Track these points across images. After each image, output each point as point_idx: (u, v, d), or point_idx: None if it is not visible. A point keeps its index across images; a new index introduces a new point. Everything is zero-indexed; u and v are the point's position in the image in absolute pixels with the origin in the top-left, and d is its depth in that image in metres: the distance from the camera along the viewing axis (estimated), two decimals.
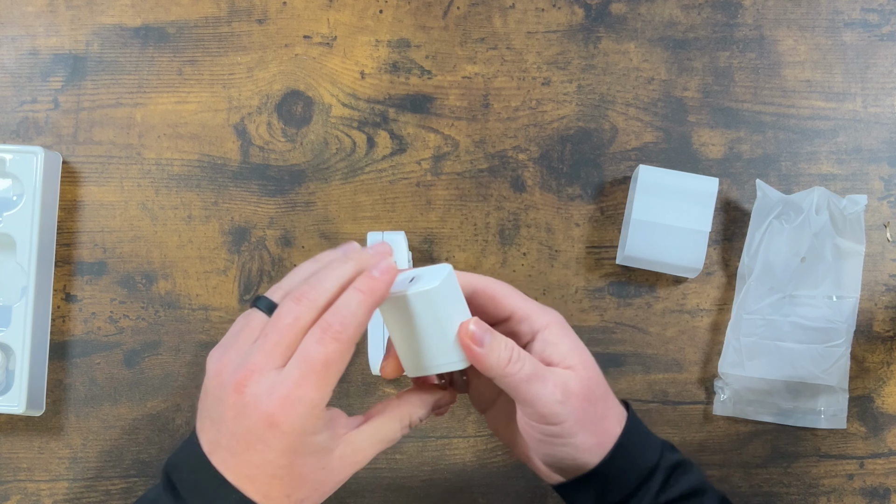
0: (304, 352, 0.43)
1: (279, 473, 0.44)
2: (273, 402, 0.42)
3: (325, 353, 0.43)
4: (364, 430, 0.47)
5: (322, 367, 0.43)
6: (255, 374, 0.43)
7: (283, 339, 0.44)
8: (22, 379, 0.64)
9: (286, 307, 0.44)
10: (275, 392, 0.43)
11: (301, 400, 0.43)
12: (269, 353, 0.44)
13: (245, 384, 0.43)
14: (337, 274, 0.45)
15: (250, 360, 0.44)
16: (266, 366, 0.43)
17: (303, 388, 0.43)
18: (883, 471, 0.68)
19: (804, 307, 0.66)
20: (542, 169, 0.69)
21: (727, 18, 0.70)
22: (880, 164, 0.70)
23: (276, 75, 0.69)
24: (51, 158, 0.67)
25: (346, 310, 0.44)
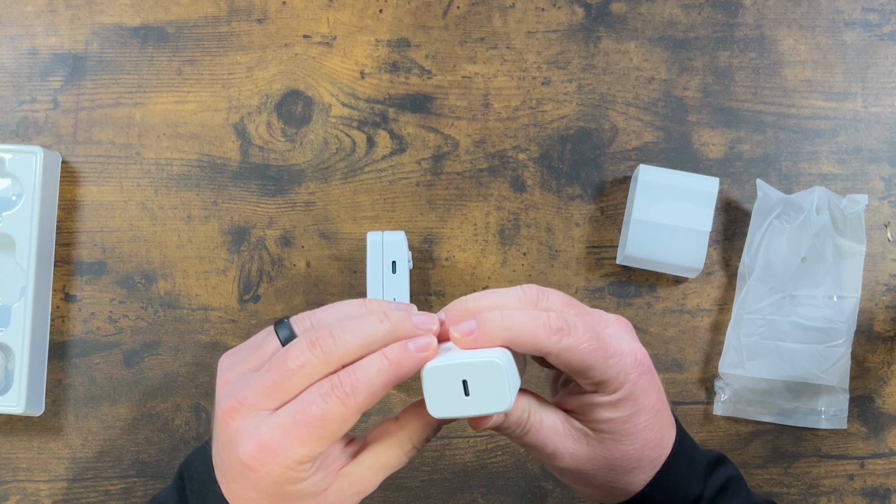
0: (302, 402, 0.39)
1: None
2: (251, 447, 0.39)
3: (324, 409, 0.39)
4: (362, 462, 0.43)
5: (316, 424, 0.39)
6: (244, 410, 0.40)
7: (283, 382, 0.40)
8: (21, 379, 0.64)
9: (297, 348, 0.40)
10: (257, 435, 0.39)
11: (281, 451, 0.39)
12: (264, 392, 0.40)
13: (232, 417, 0.40)
14: (366, 332, 0.40)
15: (243, 392, 0.40)
16: (258, 404, 0.40)
17: (288, 439, 0.39)
18: (883, 471, 0.68)
19: (805, 307, 0.66)
20: (543, 169, 0.69)
21: (727, 18, 0.70)
22: (881, 164, 0.69)
23: (275, 75, 0.69)
24: (50, 158, 0.67)
25: (363, 374, 0.39)
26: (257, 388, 0.40)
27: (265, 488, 0.40)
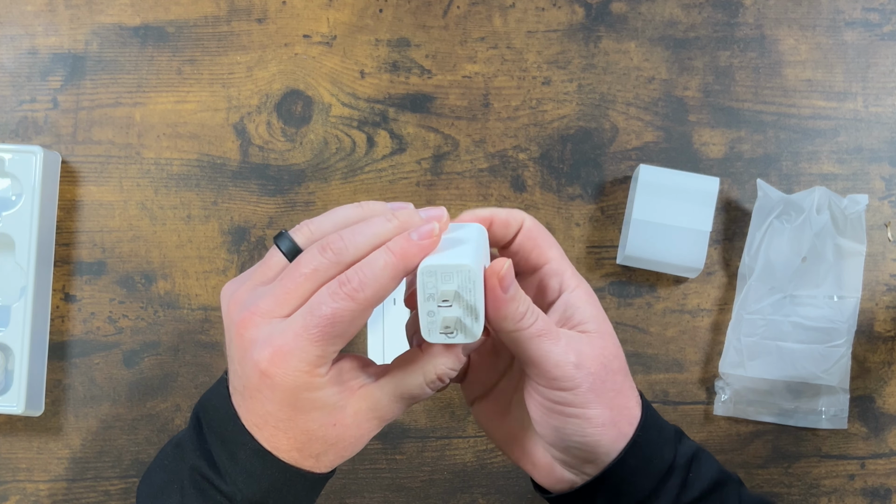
0: (312, 303, 0.39)
1: (282, 426, 0.41)
2: (266, 352, 0.39)
3: (334, 308, 0.38)
4: (383, 385, 0.42)
5: (327, 323, 0.39)
6: (257, 319, 0.40)
7: (296, 288, 0.40)
8: (21, 379, 0.64)
9: (309, 255, 0.40)
10: (271, 341, 0.39)
11: (295, 353, 0.39)
12: (277, 300, 0.40)
13: (246, 327, 0.40)
14: (374, 231, 0.40)
15: (256, 304, 0.40)
16: (271, 312, 0.40)
17: (301, 340, 0.39)
18: (884, 471, 0.68)
19: (805, 307, 0.66)
20: (543, 168, 0.69)
21: (728, 18, 0.70)
22: (881, 164, 0.69)
23: (275, 75, 0.69)
24: (50, 158, 0.66)
25: (370, 269, 0.39)
26: (270, 297, 0.40)
27: (283, 397, 0.40)
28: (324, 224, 0.42)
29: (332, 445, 0.42)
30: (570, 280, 0.44)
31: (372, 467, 0.68)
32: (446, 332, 0.40)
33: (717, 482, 0.45)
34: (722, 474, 0.45)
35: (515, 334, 0.41)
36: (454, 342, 0.40)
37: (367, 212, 0.43)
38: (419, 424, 0.68)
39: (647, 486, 0.43)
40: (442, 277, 0.39)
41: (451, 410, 0.68)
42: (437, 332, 0.40)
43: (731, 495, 0.45)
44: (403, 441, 0.68)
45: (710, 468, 0.45)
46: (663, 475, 0.43)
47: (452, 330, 0.40)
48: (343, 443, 0.42)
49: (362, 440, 0.43)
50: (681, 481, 0.44)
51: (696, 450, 0.46)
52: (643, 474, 0.43)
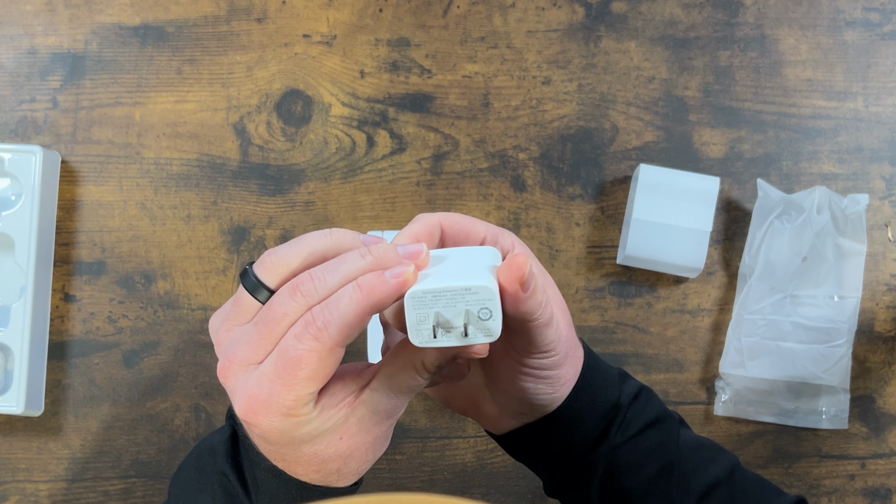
0: (279, 347, 0.38)
1: (290, 458, 0.41)
2: (243, 402, 0.39)
3: (300, 350, 0.37)
4: (376, 388, 0.41)
5: (292, 366, 0.37)
6: (234, 367, 0.40)
7: (268, 333, 0.39)
8: (20, 379, 0.64)
9: (279, 298, 0.39)
10: (244, 391, 0.39)
11: (271, 401, 0.38)
12: (251, 347, 0.39)
13: (226, 376, 0.40)
14: (347, 270, 0.38)
15: (233, 351, 0.40)
16: (247, 359, 0.39)
17: (274, 387, 0.38)
18: (884, 471, 0.68)
19: (805, 307, 0.66)
20: (543, 168, 0.69)
21: (728, 17, 0.70)
22: (882, 164, 0.69)
23: (275, 74, 0.69)
24: (49, 158, 0.66)
25: (334, 307, 0.37)
26: (244, 344, 0.39)
27: (274, 439, 0.40)
28: (289, 256, 0.40)
29: (348, 458, 0.41)
30: (506, 240, 0.45)
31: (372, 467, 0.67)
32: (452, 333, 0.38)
33: (655, 419, 0.47)
34: (662, 412, 0.48)
35: (528, 324, 0.40)
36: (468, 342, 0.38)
37: (335, 242, 0.40)
38: (419, 424, 0.68)
39: (592, 425, 0.45)
40: (448, 301, 0.37)
41: (451, 411, 0.68)
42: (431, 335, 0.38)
43: (670, 431, 0.47)
44: (403, 441, 0.68)
45: (652, 406, 0.47)
46: (607, 414, 0.45)
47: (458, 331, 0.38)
48: (359, 451, 0.42)
49: (379, 443, 0.42)
50: (622, 419, 0.46)
51: (639, 389, 0.47)
52: (588, 415, 0.45)
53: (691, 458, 0.47)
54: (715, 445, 0.50)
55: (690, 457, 0.47)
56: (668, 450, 0.47)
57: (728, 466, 0.48)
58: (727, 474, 0.48)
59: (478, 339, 0.38)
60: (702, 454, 0.48)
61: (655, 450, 0.47)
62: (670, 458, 0.47)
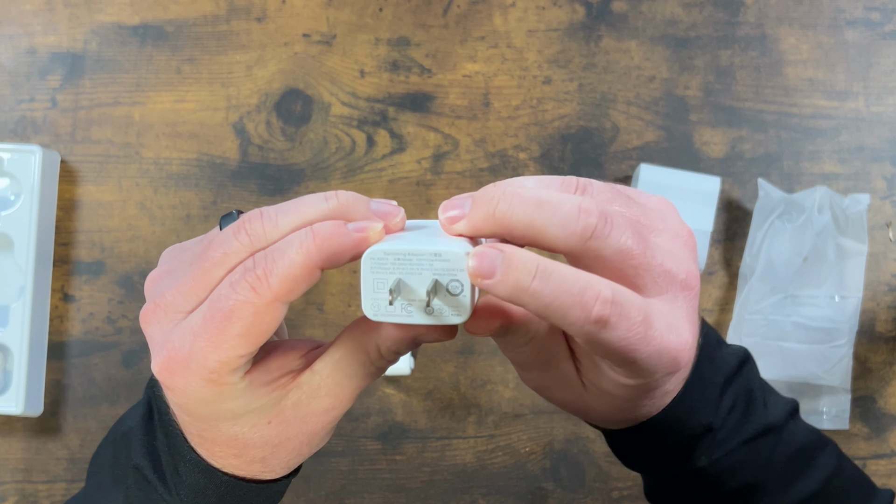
0: (212, 297, 0.32)
1: (207, 435, 0.34)
2: (160, 358, 0.32)
3: (234, 300, 0.31)
4: (319, 369, 0.34)
5: (223, 319, 0.31)
6: (159, 312, 0.33)
7: (201, 276, 0.32)
8: (20, 379, 0.64)
9: (221, 237, 0.32)
10: (165, 345, 0.32)
11: (192, 360, 0.31)
12: (180, 291, 0.33)
13: (148, 321, 0.33)
14: (304, 213, 0.32)
15: (160, 293, 0.33)
16: (173, 305, 0.33)
17: (198, 343, 0.31)
18: (885, 471, 0.68)
19: (806, 307, 0.66)
20: (543, 168, 0.69)
21: (729, 17, 0.69)
22: (883, 164, 0.69)
23: (275, 74, 0.69)
24: (48, 157, 0.66)
25: (280, 254, 0.31)
26: (176, 286, 0.33)
27: (191, 408, 0.33)
28: (281, 223, 0.33)
29: (276, 447, 0.35)
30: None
31: (372, 468, 0.67)
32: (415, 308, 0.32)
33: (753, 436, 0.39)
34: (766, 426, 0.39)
35: (563, 329, 0.33)
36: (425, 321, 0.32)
37: (338, 208, 0.33)
38: (419, 425, 0.68)
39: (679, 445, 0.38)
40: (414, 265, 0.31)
41: (452, 411, 0.68)
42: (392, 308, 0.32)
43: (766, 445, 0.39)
44: (403, 441, 0.68)
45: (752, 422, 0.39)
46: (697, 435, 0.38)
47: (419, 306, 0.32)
48: (291, 443, 0.35)
49: (317, 437, 0.35)
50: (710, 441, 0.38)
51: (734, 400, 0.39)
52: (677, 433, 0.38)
53: (782, 474, 0.40)
54: (816, 447, 0.41)
55: (782, 472, 0.40)
56: (758, 466, 0.40)
57: (822, 477, 0.41)
58: (820, 486, 0.41)
59: (445, 318, 0.31)
60: (794, 467, 0.41)
61: (742, 468, 0.39)
62: (757, 476, 0.40)
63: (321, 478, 0.67)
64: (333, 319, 0.68)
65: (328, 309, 0.68)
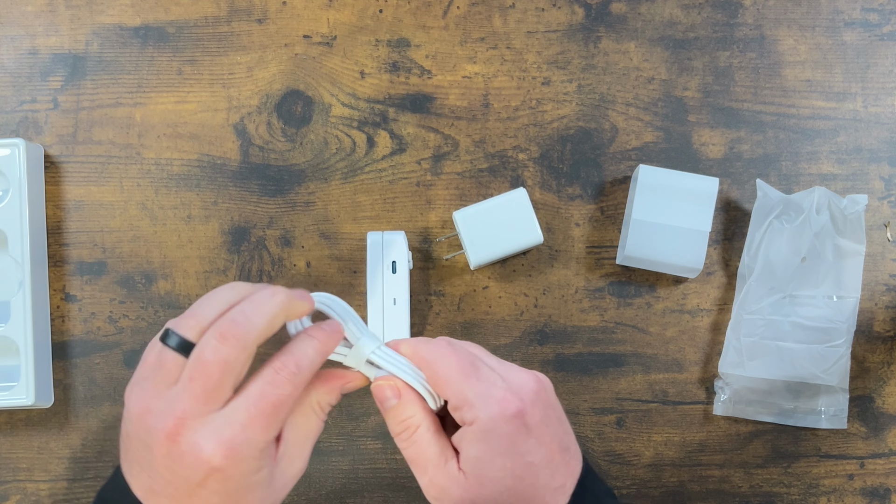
0: (253, 393, 0.41)
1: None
2: (219, 449, 0.40)
3: (278, 395, 0.41)
4: (288, 438, 0.44)
5: (272, 410, 0.41)
6: (189, 422, 0.41)
7: (210, 383, 0.41)
8: (28, 371, 0.64)
9: (211, 347, 0.41)
10: (217, 437, 0.41)
11: (248, 443, 0.41)
12: (199, 399, 0.41)
13: (180, 433, 0.41)
14: (266, 309, 0.42)
15: (180, 408, 0.41)
16: (199, 412, 0.41)
17: (250, 430, 0.41)
18: (883, 471, 0.68)
19: (805, 307, 0.66)
20: (542, 169, 0.69)
21: (727, 18, 0.70)
22: (881, 164, 0.69)
23: (275, 75, 0.69)
24: (33, 150, 0.66)
25: (303, 354, 0.43)
26: (191, 398, 0.41)
27: (230, 488, 0.41)
28: (206, 311, 0.43)
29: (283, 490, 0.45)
30: (470, 413, 0.45)
31: (372, 467, 0.68)
32: None
33: None
34: None
35: None
36: None
37: (242, 292, 0.44)
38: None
39: None
40: None
41: None
42: None
43: None
44: None
45: None
46: None
47: None
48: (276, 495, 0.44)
49: (286, 493, 0.45)
50: None
51: None
52: None
53: None
54: None
55: None
56: None
57: None
58: None
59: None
60: None
61: None
62: None
63: (322, 477, 0.68)
64: None
65: None
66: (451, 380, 0.45)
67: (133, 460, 0.43)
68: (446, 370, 0.45)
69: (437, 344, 0.46)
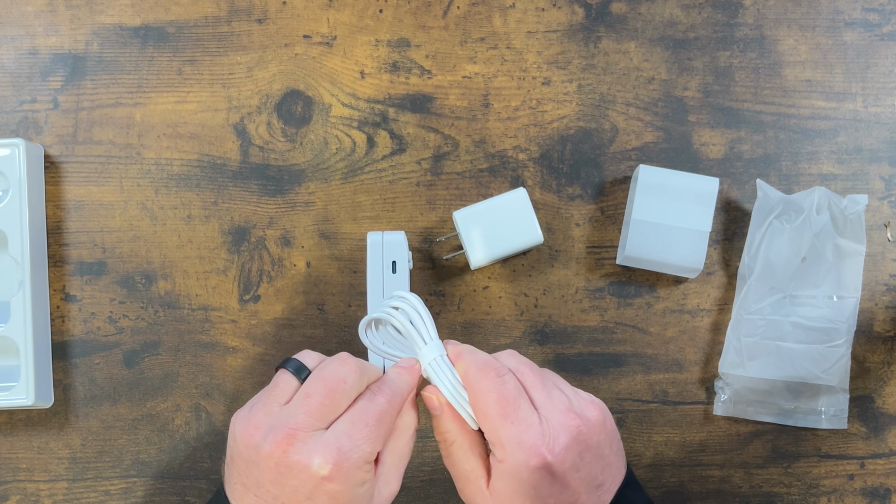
0: (357, 409, 0.45)
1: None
2: (329, 458, 0.43)
3: (378, 409, 0.45)
4: (385, 460, 0.47)
5: (375, 422, 0.44)
6: (300, 434, 0.43)
7: (329, 399, 0.44)
8: (28, 371, 0.64)
9: (332, 367, 0.46)
10: (328, 449, 0.43)
11: (354, 453, 0.43)
12: (313, 414, 0.44)
13: (290, 444, 0.43)
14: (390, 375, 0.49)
15: (292, 421, 0.44)
16: (311, 426, 0.44)
17: (356, 440, 0.44)
18: (883, 471, 0.68)
19: (805, 307, 0.66)
20: (543, 169, 0.69)
21: (727, 18, 0.70)
22: (881, 164, 0.69)
23: (275, 75, 0.69)
24: (32, 150, 0.66)
25: (397, 378, 0.48)
26: (302, 413, 0.44)
27: (339, 498, 0.43)
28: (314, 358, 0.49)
29: None
30: (498, 453, 0.47)
31: None
32: None
33: None
34: None
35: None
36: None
37: None
38: (419, 425, 0.68)
39: None
40: None
41: None
42: None
43: None
44: None
45: None
46: None
47: None
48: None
49: None
50: None
51: None
52: None
53: None
54: None
55: None
56: None
57: None
58: None
59: None
60: None
61: None
62: None
63: None
64: (334, 319, 0.68)
65: (328, 309, 0.68)
66: (488, 415, 0.46)
67: (238, 482, 0.45)
68: (485, 404, 0.46)
69: (485, 371, 0.47)
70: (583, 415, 0.47)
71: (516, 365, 0.49)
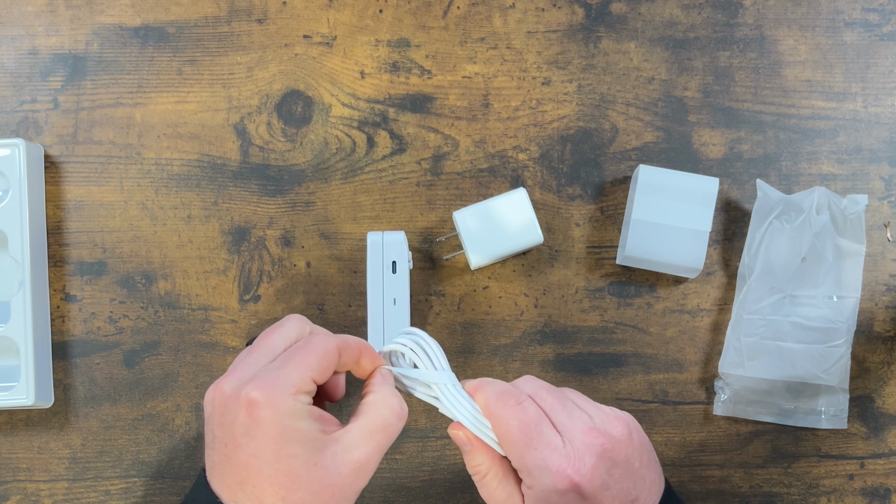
0: (292, 349, 0.46)
1: (267, 471, 0.43)
2: (253, 386, 0.43)
3: (311, 343, 0.45)
4: (353, 425, 0.46)
5: (305, 353, 0.45)
6: (237, 374, 0.45)
7: (265, 343, 0.47)
8: (28, 371, 0.64)
9: (275, 325, 0.48)
10: (256, 378, 0.44)
11: (281, 378, 0.44)
12: (250, 361, 0.46)
13: (225, 382, 0.45)
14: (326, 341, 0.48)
15: (233, 369, 0.46)
16: (248, 370, 0.45)
17: (284, 369, 0.44)
18: (883, 471, 0.68)
19: (805, 307, 0.66)
20: (543, 169, 0.69)
21: (727, 18, 0.70)
22: (881, 164, 0.69)
23: (275, 75, 0.69)
24: (32, 150, 0.66)
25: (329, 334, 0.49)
26: (242, 362, 0.46)
27: (268, 430, 0.43)
28: None
29: (315, 493, 0.43)
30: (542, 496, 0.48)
31: None
32: None
33: None
34: None
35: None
36: None
37: None
38: (419, 424, 0.68)
39: None
40: None
41: None
42: None
43: None
44: (403, 441, 0.68)
45: None
46: None
47: None
48: (325, 491, 0.44)
49: (343, 491, 0.44)
50: None
51: None
52: None
53: None
54: None
55: None
56: None
57: None
58: None
59: None
60: None
61: None
62: None
63: None
64: (334, 319, 0.68)
65: (328, 309, 0.68)
66: (512, 443, 0.47)
67: (206, 448, 0.46)
68: (507, 433, 0.47)
69: (503, 400, 0.47)
70: (606, 432, 0.47)
71: (534, 389, 0.49)
